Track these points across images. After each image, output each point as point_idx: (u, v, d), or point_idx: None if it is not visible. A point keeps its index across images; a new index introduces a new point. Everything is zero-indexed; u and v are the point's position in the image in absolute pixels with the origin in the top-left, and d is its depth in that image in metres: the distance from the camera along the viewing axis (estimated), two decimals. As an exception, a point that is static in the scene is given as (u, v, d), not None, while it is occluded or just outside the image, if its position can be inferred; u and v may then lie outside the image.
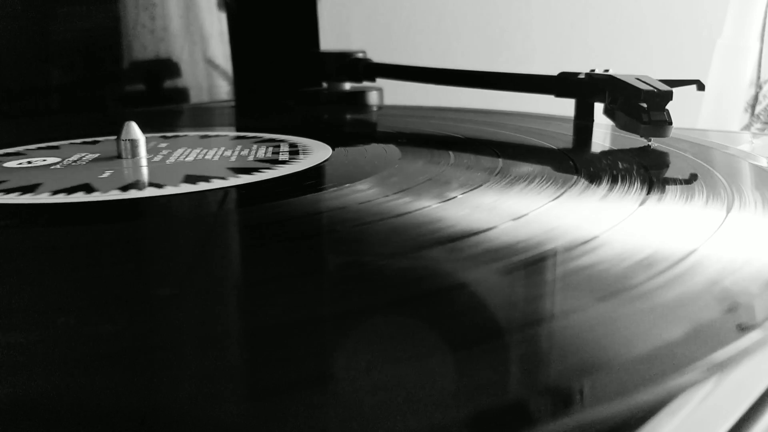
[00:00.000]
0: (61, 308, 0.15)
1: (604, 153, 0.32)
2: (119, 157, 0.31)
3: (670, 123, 0.31)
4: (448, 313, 0.14)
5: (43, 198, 0.24)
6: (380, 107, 0.51)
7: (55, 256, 0.19)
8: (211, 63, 0.60)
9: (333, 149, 0.32)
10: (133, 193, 0.24)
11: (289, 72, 0.56)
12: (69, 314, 0.14)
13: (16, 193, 0.25)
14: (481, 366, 0.12)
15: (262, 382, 0.12)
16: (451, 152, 0.30)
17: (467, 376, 0.12)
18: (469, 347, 0.13)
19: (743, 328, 0.13)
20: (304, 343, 0.13)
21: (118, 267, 0.18)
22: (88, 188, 0.25)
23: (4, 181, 0.27)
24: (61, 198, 0.24)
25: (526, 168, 0.27)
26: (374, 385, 0.11)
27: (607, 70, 0.37)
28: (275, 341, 0.13)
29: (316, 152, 0.31)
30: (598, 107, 0.37)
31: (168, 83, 0.58)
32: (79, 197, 0.24)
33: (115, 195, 0.24)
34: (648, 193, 0.23)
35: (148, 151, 0.32)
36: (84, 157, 0.32)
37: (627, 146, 0.32)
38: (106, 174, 0.28)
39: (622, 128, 0.33)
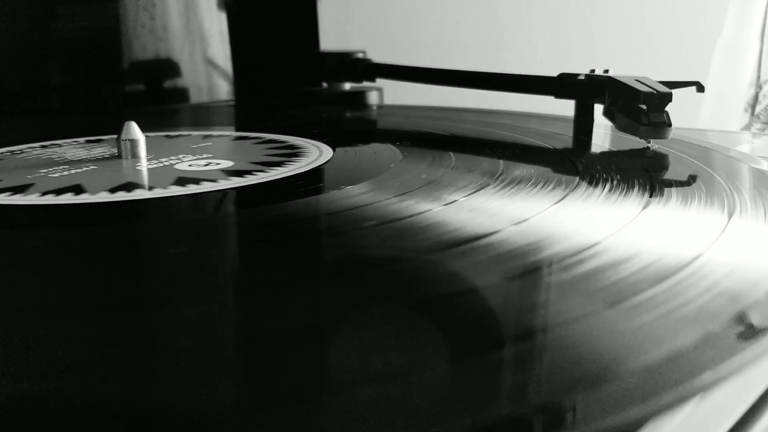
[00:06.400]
0: (58, 309, 0.15)
1: (604, 154, 0.32)
2: (119, 157, 0.31)
3: (670, 125, 0.31)
4: (449, 320, 0.14)
5: (32, 199, 0.24)
6: (380, 107, 0.51)
7: (53, 257, 0.19)
8: (211, 63, 0.60)
9: (333, 150, 0.32)
10: (131, 194, 0.24)
11: (290, 72, 0.56)
12: (67, 315, 0.15)
13: (7, 194, 0.25)
14: (483, 373, 0.12)
15: (260, 387, 0.12)
16: (451, 154, 0.30)
17: (469, 385, 0.12)
18: (471, 355, 0.13)
19: (747, 335, 0.13)
20: (303, 347, 0.13)
21: (117, 268, 0.18)
22: (78, 189, 0.25)
23: None
24: (50, 199, 0.24)
25: (528, 170, 0.27)
26: (370, 392, 0.11)
27: (607, 71, 0.37)
28: (274, 345, 0.13)
29: (317, 153, 0.31)
30: (599, 107, 0.37)
31: (168, 83, 0.58)
32: (68, 198, 0.24)
33: (115, 196, 0.24)
34: (650, 196, 0.23)
35: (148, 151, 0.32)
36: (83, 157, 0.32)
37: (626, 147, 0.32)
38: (100, 175, 0.28)
39: (622, 130, 0.33)
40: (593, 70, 0.38)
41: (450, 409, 0.11)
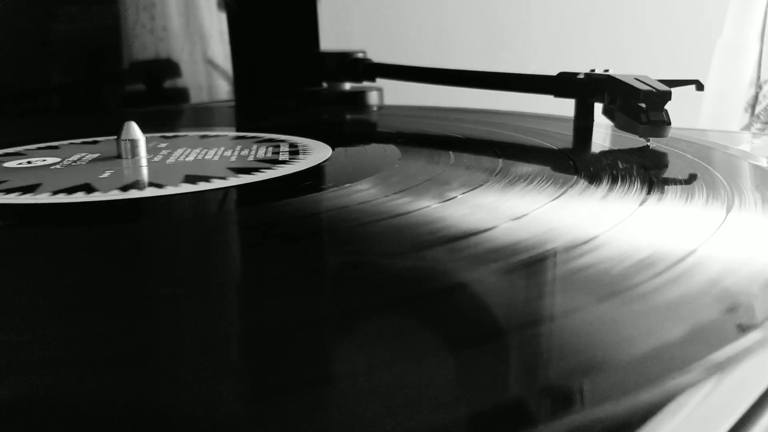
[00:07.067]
0: (61, 309, 0.15)
1: (603, 153, 0.32)
2: (119, 157, 0.31)
3: (669, 123, 0.31)
4: (447, 313, 0.14)
5: (44, 198, 0.24)
6: (380, 107, 0.51)
7: (57, 257, 0.19)
8: (211, 63, 0.60)
9: (333, 149, 0.32)
10: (133, 193, 0.24)
11: (289, 72, 0.56)
12: (69, 315, 0.15)
13: (17, 193, 0.25)
14: (481, 366, 0.12)
15: (262, 384, 0.12)
16: (451, 152, 0.30)
17: (467, 377, 0.12)
18: (468, 348, 0.13)
19: (743, 328, 0.13)
20: (304, 345, 0.13)
21: (120, 267, 0.18)
22: (88, 188, 0.25)
23: (4, 181, 0.27)
24: (62, 198, 0.24)
25: (526, 168, 0.27)
26: (374, 385, 0.11)
27: (607, 70, 0.37)
28: (275, 342, 0.13)
29: (316, 152, 0.31)
30: (598, 106, 0.37)
31: (168, 83, 0.58)
32: (80, 197, 0.24)
33: (116, 195, 0.24)
34: (648, 193, 0.23)
35: (148, 151, 0.32)
36: (84, 157, 0.32)
37: (626, 146, 0.32)
38: (107, 174, 0.28)
39: (621, 128, 0.33)
40: (593, 70, 0.38)
41: (447, 399, 0.11)
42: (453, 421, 0.10)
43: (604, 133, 0.36)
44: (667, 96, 0.31)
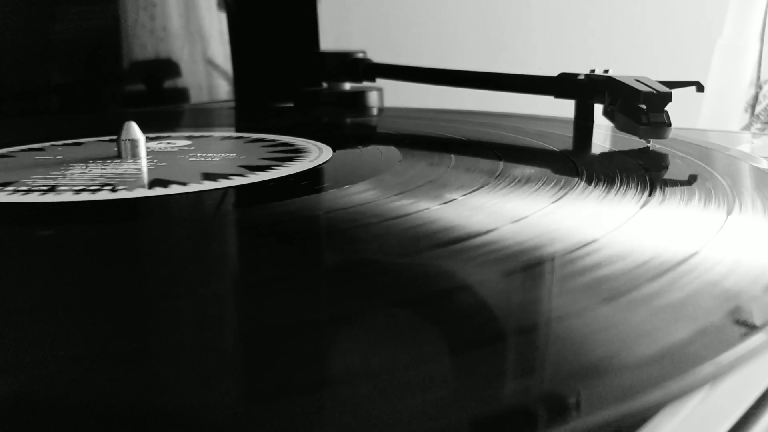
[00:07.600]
0: (51, 308, 0.15)
1: (604, 154, 0.32)
2: (119, 157, 0.31)
3: (669, 124, 0.31)
4: (449, 315, 0.14)
5: (32, 197, 0.24)
6: (381, 109, 0.51)
7: (41, 256, 0.19)
8: (211, 63, 0.60)
9: (333, 150, 0.32)
10: (136, 192, 0.24)
11: (289, 72, 0.56)
12: (61, 313, 0.15)
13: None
14: (482, 369, 0.12)
15: (260, 383, 0.12)
16: (452, 154, 0.30)
17: (467, 380, 0.12)
18: (470, 350, 0.13)
19: (745, 331, 0.13)
20: (302, 345, 0.13)
21: (118, 266, 0.18)
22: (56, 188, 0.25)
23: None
24: (50, 197, 0.24)
25: (527, 170, 0.27)
26: (371, 387, 0.11)
27: (607, 71, 0.37)
28: (273, 342, 0.13)
29: (316, 153, 0.31)
30: (599, 108, 0.37)
31: (168, 83, 0.58)
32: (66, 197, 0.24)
33: (106, 195, 0.24)
34: (649, 195, 0.23)
35: (148, 151, 0.32)
36: (83, 156, 0.32)
37: (627, 147, 0.32)
38: (103, 174, 0.28)
39: (621, 129, 0.33)
40: (593, 70, 0.38)
41: (447, 403, 0.11)
42: (451, 426, 0.10)
43: (604, 135, 0.36)
44: (667, 97, 0.31)
